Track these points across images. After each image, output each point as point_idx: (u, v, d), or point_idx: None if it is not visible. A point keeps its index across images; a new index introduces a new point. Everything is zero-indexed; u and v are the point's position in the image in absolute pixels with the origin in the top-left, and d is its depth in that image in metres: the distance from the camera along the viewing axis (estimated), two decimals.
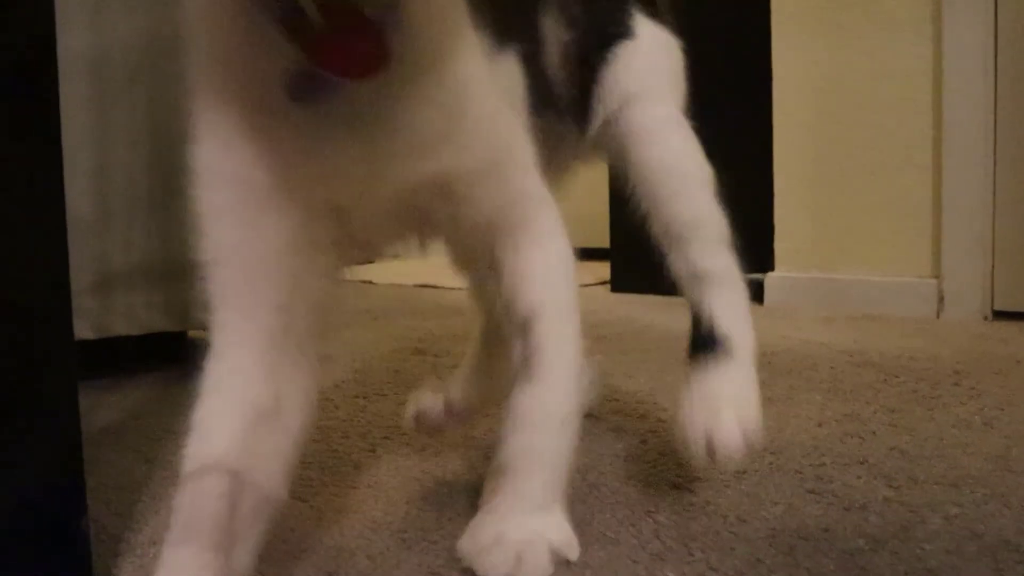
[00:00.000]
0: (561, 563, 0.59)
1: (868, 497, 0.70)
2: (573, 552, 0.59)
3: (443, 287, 2.40)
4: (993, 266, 1.68)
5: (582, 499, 0.72)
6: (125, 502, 0.74)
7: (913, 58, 1.75)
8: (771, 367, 1.23)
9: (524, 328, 0.55)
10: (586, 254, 0.66)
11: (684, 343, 0.72)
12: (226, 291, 0.47)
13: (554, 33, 0.68)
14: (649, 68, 0.74)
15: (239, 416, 0.45)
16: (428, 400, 0.83)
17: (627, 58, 0.73)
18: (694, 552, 0.61)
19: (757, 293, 1.95)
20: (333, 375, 1.26)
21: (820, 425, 0.93)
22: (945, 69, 1.70)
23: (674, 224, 0.70)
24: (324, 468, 0.83)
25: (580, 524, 0.66)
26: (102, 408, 1.11)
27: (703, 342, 0.70)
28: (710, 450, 0.64)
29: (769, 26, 1.94)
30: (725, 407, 0.66)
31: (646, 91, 0.72)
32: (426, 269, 2.73)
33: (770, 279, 1.96)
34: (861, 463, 0.79)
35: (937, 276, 1.73)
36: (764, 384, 1.10)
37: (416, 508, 0.71)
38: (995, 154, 1.67)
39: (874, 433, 0.89)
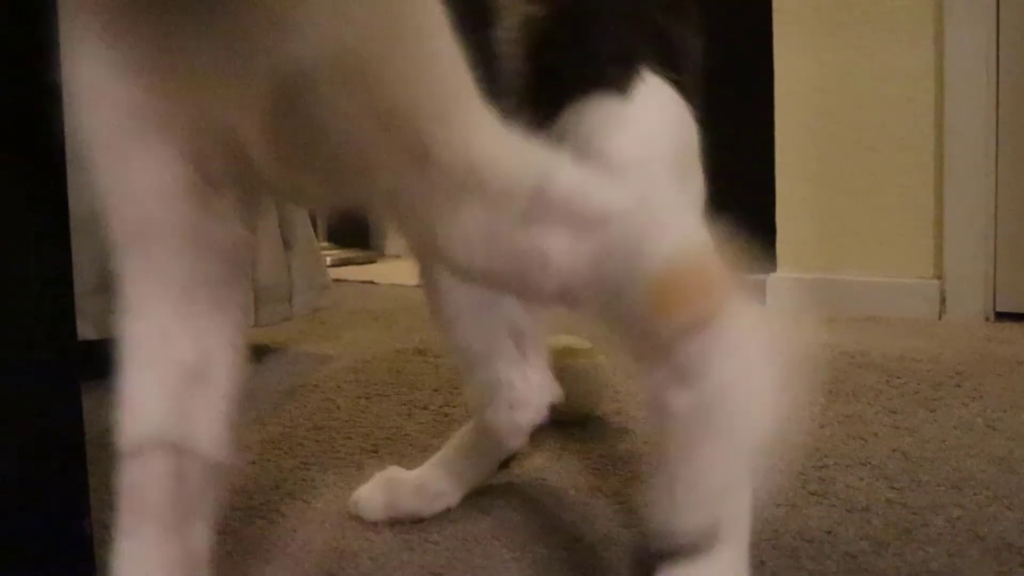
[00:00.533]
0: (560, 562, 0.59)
1: (871, 499, 0.70)
2: None
3: None
4: (995, 267, 1.68)
5: (584, 501, 0.72)
6: None
7: (915, 58, 1.75)
8: None
9: (538, 198, 0.41)
10: None
11: None
12: (124, 236, 0.42)
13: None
14: (640, 160, 0.53)
15: (166, 382, 0.42)
16: (369, 494, 0.71)
17: (611, 139, 0.52)
18: None
19: (759, 294, 1.95)
20: (335, 376, 1.26)
21: (822, 427, 0.93)
22: (947, 69, 1.70)
23: None
24: (326, 468, 0.83)
25: (581, 525, 0.67)
26: (104, 408, 1.10)
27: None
28: None
29: (771, 26, 1.94)
30: None
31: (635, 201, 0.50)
32: None
33: (772, 280, 1.95)
34: (863, 465, 0.79)
35: (939, 277, 1.73)
36: None
37: None
38: (997, 155, 1.67)
39: (876, 435, 0.89)
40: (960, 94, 1.69)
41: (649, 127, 0.54)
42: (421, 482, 0.72)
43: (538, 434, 0.92)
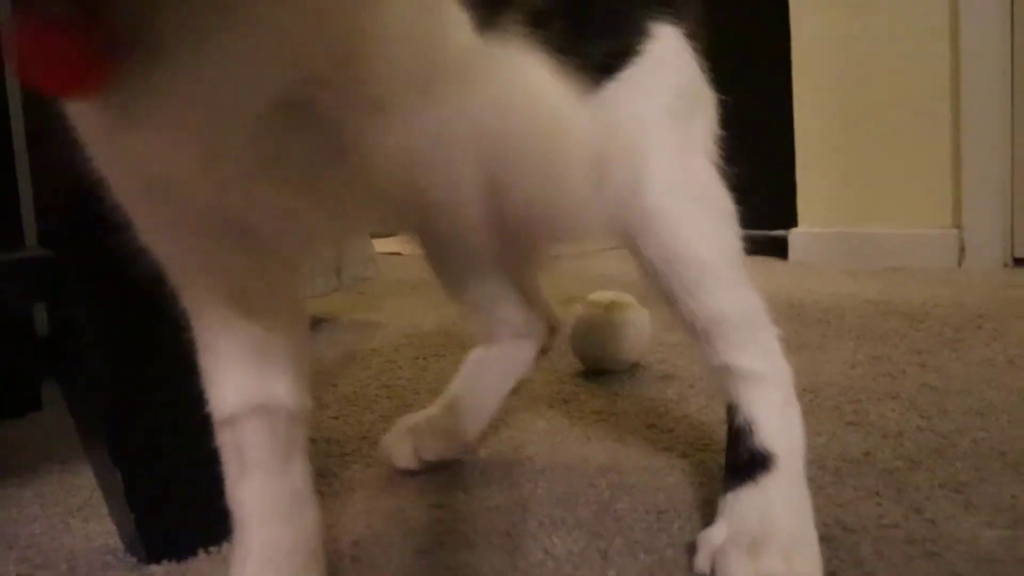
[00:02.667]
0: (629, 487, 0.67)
1: (903, 426, 0.78)
2: None
3: None
4: (1012, 215, 1.74)
5: (644, 436, 0.80)
6: None
7: (930, 14, 1.79)
8: (801, 318, 1.30)
9: None
10: None
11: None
12: (165, 260, 0.45)
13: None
14: (652, 107, 0.58)
15: (242, 357, 0.47)
16: (400, 446, 0.76)
17: (621, 97, 0.57)
18: None
19: (781, 249, 2.02)
20: (390, 341, 1.35)
21: (853, 367, 1.00)
22: (962, 24, 1.75)
23: (696, 322, 0.58)
24: None
25: (646, 455, 0.75)
26: None
27: (741, 455, 0.58)
28: None
29: None
30: (768, 552, 0.52)
31: (645, 146, 0.57)
32: None
33: (794, 235, 2.02)
34: (894, 398, 0.87)
35: (958, 227, 1.79)
36: (796, 332, 1.19)
37: (494, 451, 0.80)
38: (1012, 106, 1.72)
39: (904, 372, 0.96)
40: (975, 48, 1.74)
41: (653, 77, 0.58)
42: (440, 425, 0.77)
43: (591, 382, 1.01)
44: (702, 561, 0.54)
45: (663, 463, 0.73)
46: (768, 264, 1.94)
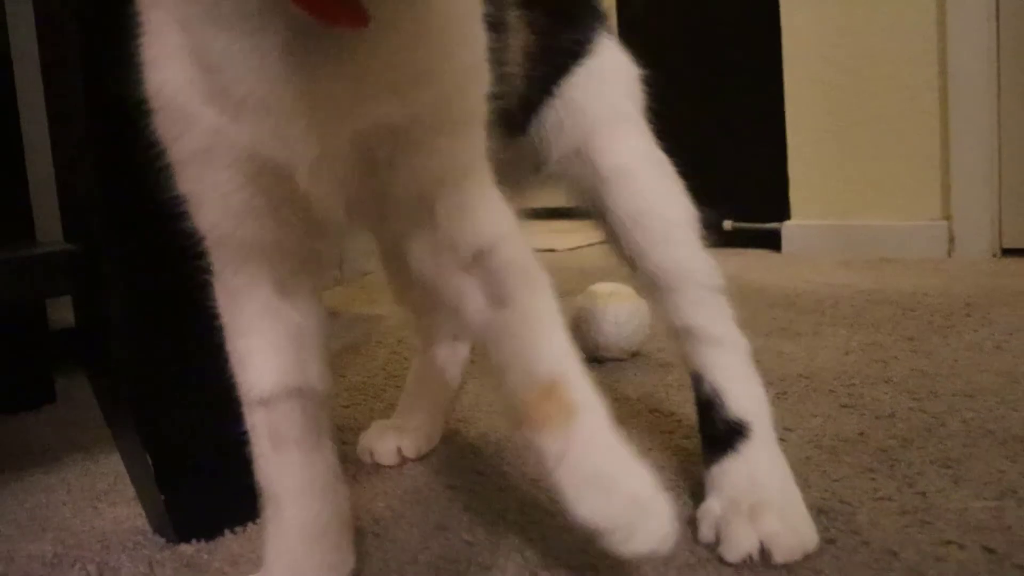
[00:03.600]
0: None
1: (895, 408, 0.81)
2: None
3: None
4: (1000, 206, 1.78)
5: (648, 422, 0.83)
6: None
7: (918, 10, 1.82)
8: (796, 307, 1.34)
9: (478, 260, 0.48)
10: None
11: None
12: (213, 241, 0.48)
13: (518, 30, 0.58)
14: (614, 92, 0.66)
15: (281, 344, 0.50)
16: (383, 443, 0.80)
17: (588, 80, 0.65)
18: None
19: (775, 242, 2.05)
20: (393, 332, 1.37)
21: (847, 353, 1.03)
22: (949, 18, 1.78)
23: (660, 275, 0.63)
24: None
25: (649, 437, 0.78)
26: None
27: (717, 427, 0.62)
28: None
29: None
30: (764, 514, 0.56)
31: (613, 119, 0.65)
32: None
33: (787, 227, 2.05)
34: (886, 382, 0.90)
35: (947, 218, 1.82)
36: (792, 321, 1.22)
37: (503, 436, 0.83)
38: (999, 100, 1.76)
39: (896, 358, 1.00)
40: (962, 44, 1.77)
41: (612, 71, 0.66)
42: (411, 427, 0.81)
43: (593, 370, 1.04)
44: (706, 531, 0.57)
45: (666, 445, 0.76)
46: (762, 256, 1.98)
